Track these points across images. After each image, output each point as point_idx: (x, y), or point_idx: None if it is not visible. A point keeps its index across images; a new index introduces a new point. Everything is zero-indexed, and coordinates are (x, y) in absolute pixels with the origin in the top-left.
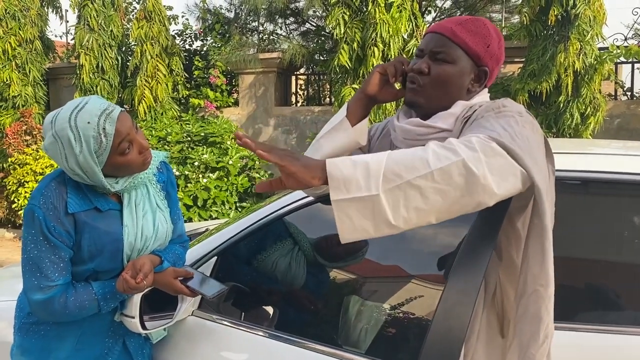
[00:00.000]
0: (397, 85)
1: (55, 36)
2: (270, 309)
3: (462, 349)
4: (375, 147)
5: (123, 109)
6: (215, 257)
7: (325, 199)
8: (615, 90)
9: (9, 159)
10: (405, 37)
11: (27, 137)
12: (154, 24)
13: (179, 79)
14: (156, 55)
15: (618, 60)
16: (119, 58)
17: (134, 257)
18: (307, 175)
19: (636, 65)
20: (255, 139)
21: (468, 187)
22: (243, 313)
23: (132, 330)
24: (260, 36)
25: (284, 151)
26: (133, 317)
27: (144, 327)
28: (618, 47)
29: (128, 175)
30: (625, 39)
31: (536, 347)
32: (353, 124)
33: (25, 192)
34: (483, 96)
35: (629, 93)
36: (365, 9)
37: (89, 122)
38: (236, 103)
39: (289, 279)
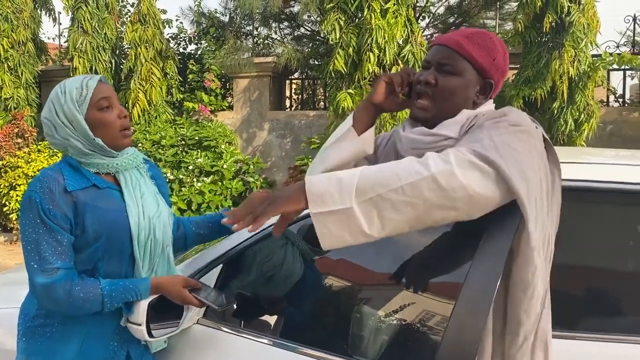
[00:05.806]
0: (401, 96)
1: (48, 38)
2: (275, 317)
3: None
4: (382, 156)
5: (106, 81)
6: (220, 265)
7: None
8: (607, 97)
9: (1, 162)
10: (401, 42)
11: (19, 140)
12: (148, 27)
13: (173, 83)
14: (150, 58)
15: (610, 67)
16: (113, 61)
17: (142, 240)
18: (292, 203)
19: (627, 72)
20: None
21: (438, 200)
22: (248, 321)
23: (138, 338)
24: (255, 40)
25: (261, 203)
26: (140, 325)
27: (150, 334)
28: (610, 54)
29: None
30: (617, 46)
31: (516, 348)
32: (359, 133)
33: (17, 195)
34: (488, 106)
35: (620, 100)
36: (360, 15)
37: (74, 81)
38: (230, 107)
39: (293, 287)
